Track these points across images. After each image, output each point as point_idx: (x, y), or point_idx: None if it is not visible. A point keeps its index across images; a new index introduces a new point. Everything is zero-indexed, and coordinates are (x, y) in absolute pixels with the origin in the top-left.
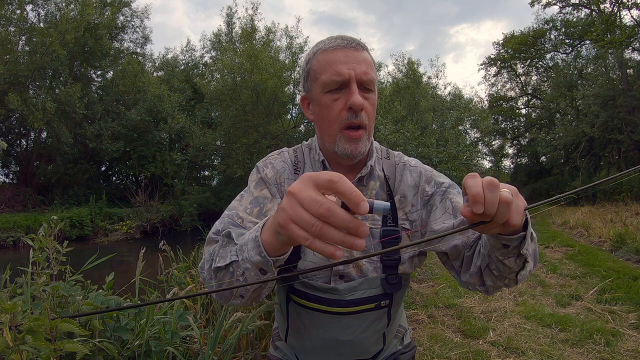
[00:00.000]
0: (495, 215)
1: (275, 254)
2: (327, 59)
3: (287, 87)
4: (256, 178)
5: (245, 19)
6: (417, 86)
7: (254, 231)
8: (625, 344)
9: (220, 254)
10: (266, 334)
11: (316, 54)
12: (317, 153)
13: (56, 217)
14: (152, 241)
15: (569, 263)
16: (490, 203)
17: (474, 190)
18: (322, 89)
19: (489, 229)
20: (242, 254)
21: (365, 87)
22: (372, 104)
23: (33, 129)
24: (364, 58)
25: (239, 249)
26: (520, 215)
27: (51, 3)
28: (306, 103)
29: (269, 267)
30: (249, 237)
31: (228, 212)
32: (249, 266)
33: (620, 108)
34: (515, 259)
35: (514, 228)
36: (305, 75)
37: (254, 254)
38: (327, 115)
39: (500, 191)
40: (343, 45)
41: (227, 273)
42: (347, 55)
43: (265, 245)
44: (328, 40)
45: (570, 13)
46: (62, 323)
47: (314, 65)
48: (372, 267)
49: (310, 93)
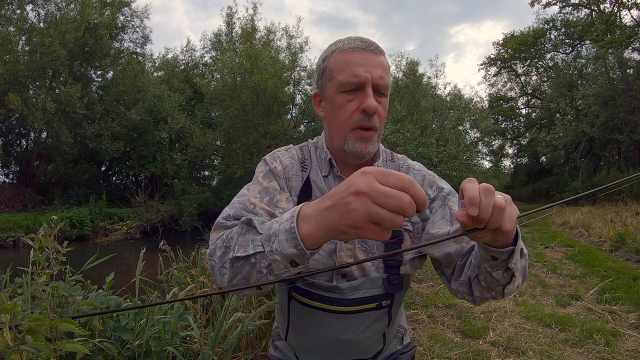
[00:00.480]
0: (488, 220)
1: (315, 247)
2: (345, 60)
3: (287, 87)
4: (264, 169)
5: (246, 19)
6: (417, 86)
7: (287, 221)
8: (625, 344)
9: (239, 243)
10: (266, 334)
11: (334, 53)
12: (324, 151)
13: (56, 217)
14: (152, 241)
15: (569, 263)
16: (485, 207)
17: (471, 193)
18: (337, 89)
19: (482, 236)
20: (270, 245)
21: (380, 92)
22: (384, 108)
23: (33, 129)
24: (381, 62)
25: (266, 239)
26: (512, 222)
27: (51, 3)
28: (318, 100)
29: (305, 260)
30: (279, 228)
31: (238, 199)
32: (278, 258)
33: (620, 108)
34: (503, 272)
35: (506, 235)
36: (321, 72)
37: (287, 246)
38: (340, 114)
39: (495, 197)
40: (362, 47)
41: (247, 264)
42: (365, 57)
43: (306, 238)
44: (347, 41)
45: (570, 13)
46: (62, 323)
47: (330, 63)
48: (374, 266)
49: (323, 90)
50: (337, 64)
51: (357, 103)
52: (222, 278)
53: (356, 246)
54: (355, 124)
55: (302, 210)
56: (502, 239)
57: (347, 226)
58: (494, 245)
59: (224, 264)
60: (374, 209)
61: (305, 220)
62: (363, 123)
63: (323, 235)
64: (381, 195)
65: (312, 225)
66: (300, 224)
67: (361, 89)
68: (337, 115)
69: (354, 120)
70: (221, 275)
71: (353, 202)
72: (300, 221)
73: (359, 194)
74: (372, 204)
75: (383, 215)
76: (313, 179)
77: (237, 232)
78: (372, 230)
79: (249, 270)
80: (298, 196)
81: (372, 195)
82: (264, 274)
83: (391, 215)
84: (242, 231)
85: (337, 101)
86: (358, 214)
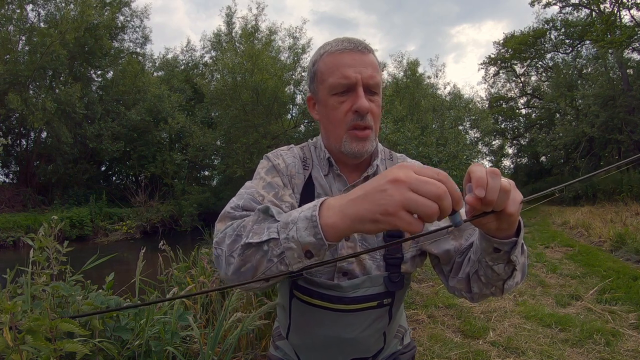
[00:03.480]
0: (495, 202)
1: (335, 239)
2: (334, 62)
3: (287, 87)
4: (267, 165)
5: (249, 19)
6: (417, 86)
7: (308, 209)
8: (625, 344)
9: (254, 230)
10: (266, 334)
11: (323, 56)
12: (322, 151)
13: (56, 217)
14: (152, 241)
15: (569, 263)
16: (492, 188)
17: (478, 174)
18: (328, 92)
19: (487, 221)
20: (286, 232)
21: (371, 90)
22: (377, 106)
23: (33, 128)
24: (371, 61)
25: (282, 226)
26: (517, 205)
27: (51, 3)
28: (312, 103)
29: (322, 251)
30: (299, 216)
31: (246, 190)
32: (293, 246)
33: (620, 108)
34: (504, 265)
35: (510, 219)
36: (312, 76)
37: (305, 235)
38: (334, 117)
39: (501, 180)
40: (350, 48)
41: (259, 251)
42: (354, 58)
43: (328, 228)
44: (335, 43)
45: (570, 13)
46: (62, 323)
47: (320, 67)
48: (375, 265)
49: (316, 94)
50: (326, 67)
51: (349, 104)
52: (227, 268)
53: (357, 244)
54: (349, 124)
55: (327, 201)
56: (506, 225)
57: (379, 213)
58: (497, 235)
59: (233, 252)
60: (410, 194)
61: (330, 209)
62: (357, 123)
63: (348, 225)
64: (419, 182)
65: (337, 215)
66: (324, 213)
67: (352, 89)
68: (331, 118)
69: (348, 121)
70: (227, 264)
71: (390, 188)
72: (324, 210)
73: (396, 182)
74: (408, 190)
75: (419, 201)
76: (315, 176)
77: (252, 220)
78: (405, 218)
79: (260, 259)
80: (301, 194)
81: (410, 183)
82: (274, 263)
83: (427, 202)
84: (258, 219)
85: (330, 104)
86: (392, 200)
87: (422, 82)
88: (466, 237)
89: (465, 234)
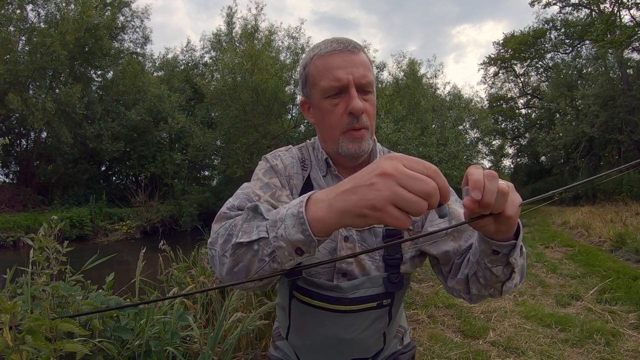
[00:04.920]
0: (492, 205)
1: (324, 234)
2: (325, 65)
3: (287, 87)
4: (265, 166)
5: (249, 19)
6: (417, 86)
7: (295, 207)
8: (625, 344)
9: (243, 229)
10: (266, 334)
11: (313, 59)
12: (320, 152)
13: (56, 217)
14: (152, 241)
15: (569, 263)
16: (489, 191)
17: (475, 177)
18: (321, 95)
19: (485, 224)
20: (275, 230)
21: (364, 90)
22: (372, 105)
23: (33, 129)
24: (361, 61)
25: (271, 224)
26: (515, 208)
27: (51, 3)
28: (306, 107)
29: (312, 247)
30: (286, 213)
31: (243, 191)
32: (283, 245)
33: (620, 108)
34: (503, 267)
35: (509, 221)
36: (304, 80)
37: (294, 232)
38: (329, 120)
39: (499, 182)
40: (339, 49)
41: (250, 251)
42: (344, 59)
43: (316, 223)
44: (324, 45)
45: (570, 13)
46: (62, 323)
47: (311, 70)
48: (374, 265)
49: (309, 98)
50: (317, 70)
51: (343, 106)
52: (221, 268)
53: (356, 245)
54: (345, 127)
55: (314, 195)
56: (504, 228)
57: (366, 207)
58: (496, 237)
59: (225, 252)
60: (399, 190)
61: (317, 204)
62: (353, 125)
63: (335, 219)
64: (407, 178)
65: (325, 209)
66: (311, 208)
67: (345, 91)
68: (326, 121)
69: (344, 124)
70: (221, 264)
71: (377, 182)
72: (311, 205)
73: (384, 175)
74: (396, 185)
75: (408, 198)
76: (314, 177)
77: (242, 219)
78: (393, 213)
79: (251, 258)
80: (299, 195)
81: (398, 177)
82: (267, 262)
83: (416, 199)
84: (248, 217)
85: (324, 107)
86: (380, 194)
87: (422, 82)
88: (465, 239)
89: (465, 235)
